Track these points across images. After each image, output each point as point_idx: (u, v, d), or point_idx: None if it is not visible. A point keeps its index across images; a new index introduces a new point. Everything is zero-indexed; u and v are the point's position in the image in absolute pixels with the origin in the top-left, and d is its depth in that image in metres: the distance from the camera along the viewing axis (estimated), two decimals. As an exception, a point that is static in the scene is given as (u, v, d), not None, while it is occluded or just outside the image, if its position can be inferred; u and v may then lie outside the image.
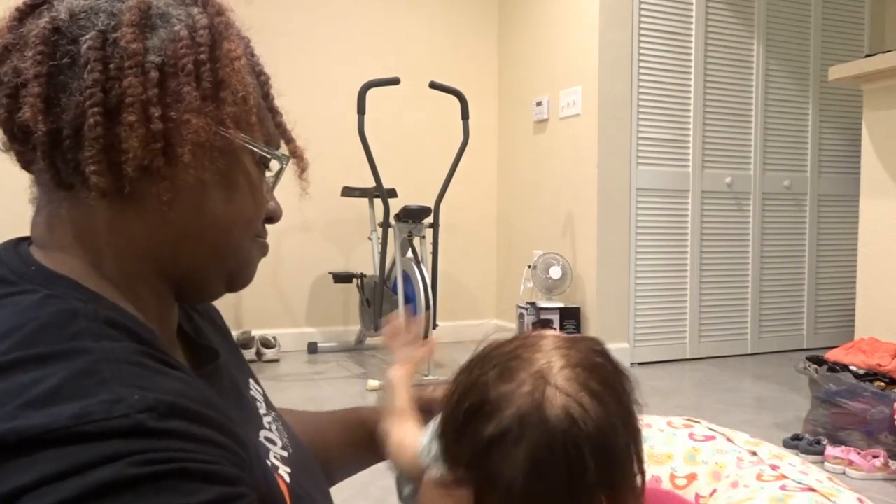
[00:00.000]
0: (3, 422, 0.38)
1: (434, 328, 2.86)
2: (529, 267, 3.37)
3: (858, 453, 1.85)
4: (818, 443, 1.97)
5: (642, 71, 3.19)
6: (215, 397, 0.49)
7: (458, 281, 3.92)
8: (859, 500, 0.77)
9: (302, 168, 0.64)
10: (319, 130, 3.60)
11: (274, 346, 3.33)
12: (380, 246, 3.05)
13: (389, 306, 3.01)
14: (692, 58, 3.29)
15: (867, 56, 2.25)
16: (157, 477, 0.38)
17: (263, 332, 3.47)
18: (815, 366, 2.10)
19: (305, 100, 3.56)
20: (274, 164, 0.63)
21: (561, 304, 3.18)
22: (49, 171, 0.51)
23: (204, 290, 0.60)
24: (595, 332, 3.17)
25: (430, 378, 2.83)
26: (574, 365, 0.55)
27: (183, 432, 0.41)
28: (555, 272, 3.19)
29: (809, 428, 2.07)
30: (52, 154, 0.51)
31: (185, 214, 0.55)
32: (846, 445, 1.93)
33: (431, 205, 3.03)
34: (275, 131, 0.62)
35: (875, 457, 1.83)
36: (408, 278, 2.97)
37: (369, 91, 2.83)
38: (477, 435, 0.52)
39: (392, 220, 2.99)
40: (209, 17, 0.55)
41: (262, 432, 0.62)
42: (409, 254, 3.03)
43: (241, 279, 0.61)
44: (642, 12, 3.18)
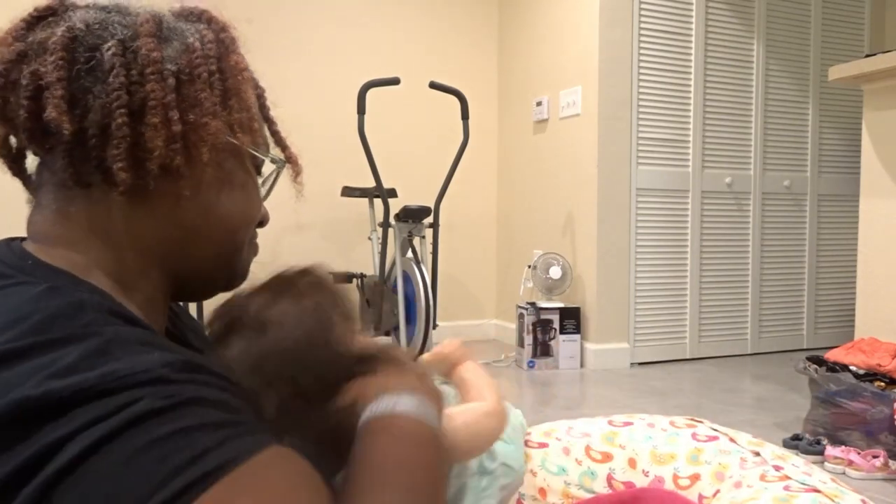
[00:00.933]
0: (35, 388, 0.42)
1: (434, 328, 2.86)
2: (529, 267, 3.37)
3: (858, 453, 1.85)
4: (818, 443, 1.97)
5: (642, 71, 3.19)
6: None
7: (458, 281, 3.92)
8: (863, 502, 0.77)
9: (297, 172, 0.69)
10: (320, 130, 3.59)
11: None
12: (380, 246, 3.05)
13: (389, 306, 3.01)
14: (692, 58, 3.29)
15: (867, 56, 2.25)
16: (177, 406, 0.44)
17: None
18: (815, 366, 2.11)
19: (306, 100, 3.56)
20: (266, 171, 0.68)
21: (561, 304, 3.18)
22: (68, 170, 0.55)
23: (206, 287, 0.64)
24: (595, 332, 3.17)
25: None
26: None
27: (197, 379, 0.47)
28: (555, 272, 3.19)
29: (809, 428, 2.07)
30: (72, 153, 0.54)
31: (196, 214, 0.59)
32: (846, 445, 1.94)
33: (431, 205, 3.03)
34: (271, 138, 0.68)
35: (875, 457, 1.83)
36: (408, 278, 2.97)
37: (369, 91, 2.83)
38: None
39: (392, 220, 2.99)
40: (215, 33, 0.61)
41: None
42: (409, 254, 3.03)
43: (238, 277, 0.66)
44: (642, 12, 3.18)
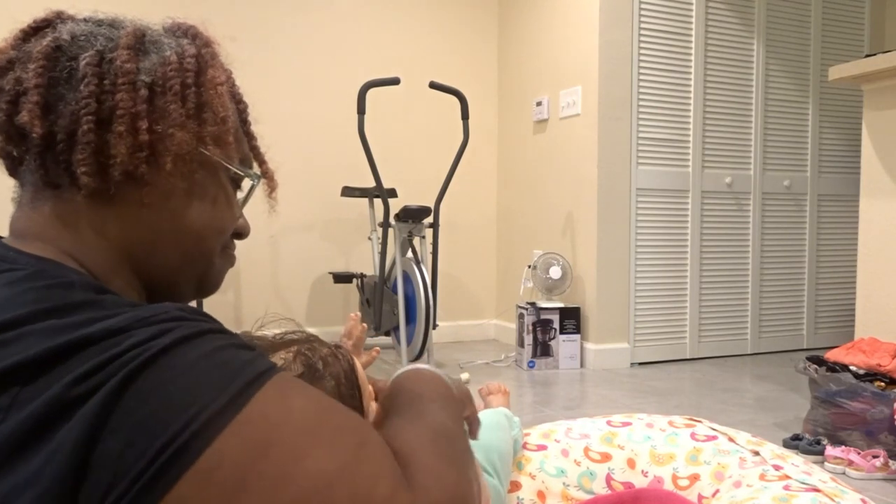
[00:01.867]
0: (74, 331, 0.46)
1: (434, 328, 2.86)
2: (529, 267, 3.37)
3: (858, 453, 1.85)
4: (818, 443, 1.97)
5: (642, 71, 3.19)
6: None
7: (458, 281, 3.92)
8: (863, 501, 0.77)
9: (271, 188, 0.72)
10: (320, 130, 3.59)
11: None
12: (380, 246, 3.05)
13: (389, 306, 3.01)
14: (692, 58, 3.29)
15: (867, 56, 2.25)
16: (206, 332, 0.49)
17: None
18: (815, 366, 2.10)
19: (306, 100, 3.56)
20: (245, 185, 0.70)
21: (561, 304, 3.18)
22: (39, 171, 0.58)
23: (174, 293, 0.66)
24: (595, 332, 3.17)
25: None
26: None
27: (210, 319, 0.52)
28: (555, 272, 3.19)
29: (809, 428, 2.07)
30: (43, 155, 0.57)
31: (162, 220, 0.61)
32: (846, 445, 1.93)
33: (431, 205, 3.04)
34: (249, 153, 0.70)
35: (875, 457, 1.83)
36: (408, 278, 2.97)
37: (369, 91, 2.83)
38: None
39: (392, 220, 2.99)
40: (197, 48, 0.63)
41: None
42: (409, 254, 3.03)
43: (209, 286, 0.68)
44: (642, 12, 3.18)
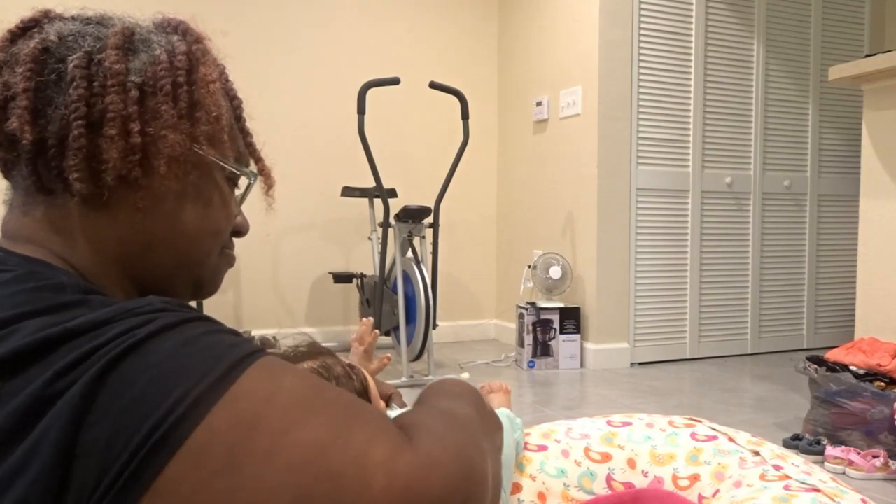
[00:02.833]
0: (57, 326, 0.46)
1: (434, 328, 2.86)
2: (529, 267, 3.37)
3: (858, 453, 1.85)
4: (818, 443, 1.97)
5: (642, 71, 3.19)
6: None
7: (458, 281, 3.92)
8: (863, 501, 0.77)
9: (268, 185, 0.70)
10: (320, 130, 3.59)
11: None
12: (380, 246, 3.05)
13: (389, 306, 3.01)
14: (692, 58, 3.29)
15: (867, 56, 2.25)
16: (190, 320, 0.49)
17: (263, 331, 3.47)
18: (815, 366, 2.10)
19: (305, 99, 3.56)
20: (242, 182, 0.69)
21: (561, 304, 3.18)
22: (31, 177, 0.57)
23: (170, 295, 0.65)
24: (595, 332, 3.17)
25: (430, 377, 2.83)
26: None
27: (194, 310, 0.51)
28: (555, 272, 3.19)
29: (809, 428, 2.07)
30: (35, 161, 0.56)
31: (157, 223, 0.60)
32: (846, 445, 1.93)
33: (431, 205, 3.04)
34: (245, 151, 0.69)
35: (875, 457, 1.83)
36: (408, 278, 2.97)
37: (369, 91, 2.83)
38: None
39: (392, 220, 2.99)
40: (187, 45, 0.62)
41: None
42: (409, 254, 3.03)
43: (207, 287, 0.67)
44: (642, 12, 3.18)
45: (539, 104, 3.55)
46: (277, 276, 3.53)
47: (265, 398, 0.45)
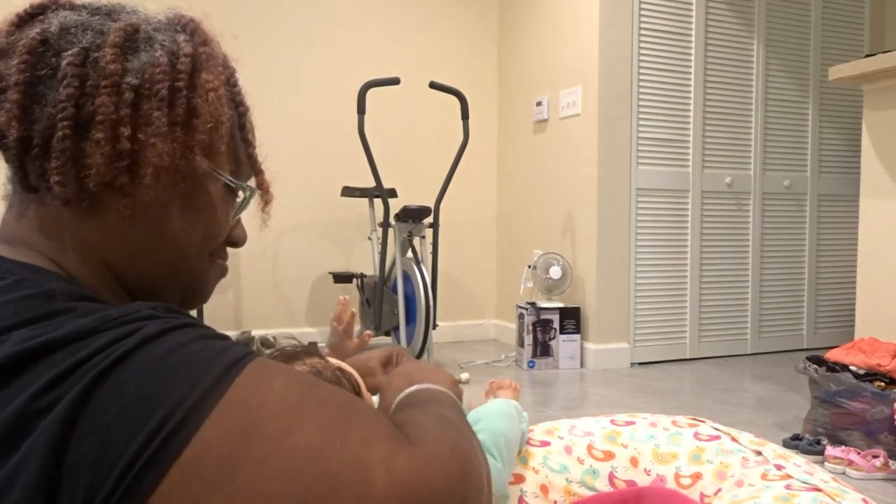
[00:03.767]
0: (31, 341, 0.44)
1: (434, 328, 2.86)
2: (529, 267, 3.37)
3: (858, 453, 1.85)
4: (818, 443, 1.97)
5: (642, 71, 3.20)
6: None
7: (458, 281, 3.92)
8: (864, 501, 0.77)
9: (265, 201, 0.67)
10: (320, 130, 3.59)
11: (274, 345, 3.33)
12: (380, 246, 3.05)
13: (389, 306, 3.01)
14: (692, 58, 3.29)
15: (867, 56, 2.25)
16: (178, 327, 0.48)
17: (263, 331, 3.47)
18: (815, 366, 2.10)
19: (306, 100, 3.56)
20: (240, 193, 0.66)
21: (561, 304, 3.18)
22: (17, 174, 0.55)
23: (155, 301, 0.63)
24: (595, 332, 3.17)
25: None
26: None
27: (181, 314, 0.51)
28: (555, 272, 3.19)
29: (809, 428, 2.07)
30: (21, 158, 0.54)
31: (143, 230, 0.58)
32: (846, 445, 1.94)
33: (431, 205, 3.04)
34: (245, 161, 0.65)
35: (875, 457, 1.83)
36: (408, 278, 2.97)
37: (369, 91, 2.83)
38: None
39: (392, 220, 2.99)
40: (193, 47, 0.59)
41: None
42: (409, 254, 3.03)
43: (194, 297, 0.65)
44: (642, 12, 3.18)
45: (539, 104, 3.55)
46: (277, 276, 3.53)
47: (257, 405, 0.45)
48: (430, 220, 3.12)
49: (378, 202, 3.47)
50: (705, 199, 3.36)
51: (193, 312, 2.66)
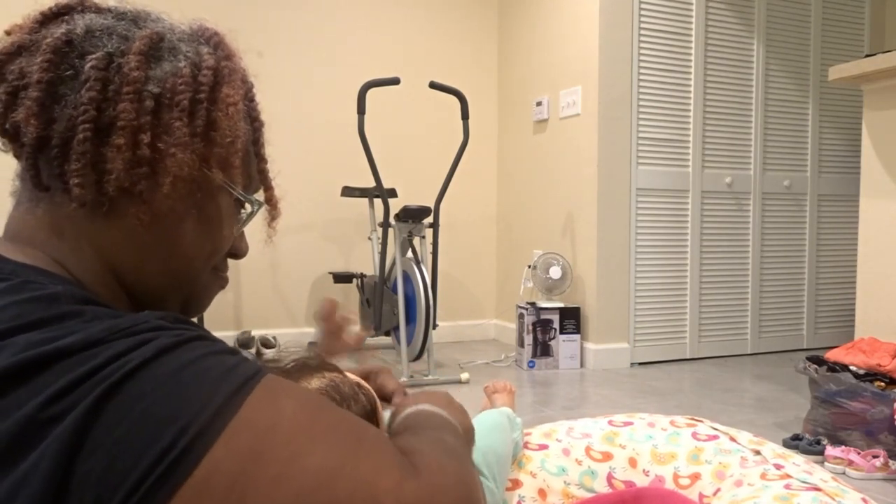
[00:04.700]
0: (49, 343, 0.44)
1: (434, 328, 2.86)
2: (529, 267, 3.37)
3: (858, 453, 1.85)
4: (818, 443, 1.97)
5: (642, 71, 3.20)
6: None
7: (458, 281, 3.92)
8: (864, 501, 0.77)
9: (273, 217, 0.68)
10: (320, 130, 3.59)
11: (274, 345, 3.33)
12: (380, 246, 3.05)
13: (389, 306, 3.01)
14: (692, 58, 3.29)
15: (867, 56, 2.25)
16: (188, 341, 0.47)
17: (263, 331, 3.47)
18: (815, 366, 2.10)
19: (306, 100, 3.56)
20: (248, 206, 0.67)
21: (561, 304, 3.18)
22: (30, 172, 0.54)
23: (159, 307, 0.62)
24: (595, 332, 3.17)
25: (430, 377, 2.83)
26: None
27: (191, 327, 0.50)
28: (555, 272, 3.19)
29: (809, 428, 2.07)
30: (36, 157, 0.54)
31: (155, 238, 0.58)
32: (846, 445, 1.94)
33: (431, 205, 3.04)
34: (256, 176, 0.66)
35: (875, 457, 1.83)
36: (408, 278, 2.97)
37: (369, 91, 2.82)
38: None
39: (392, 220, 2.99)
40: (216, 60, 0.59)
41: None
42: (409, 254, 3.03)
43: (195, 306, 0.65)
44: (642, 12, 3.18)
45: (539, 104, 3.55)
46: (277, 276, 3.53)
47: (267, 427, 0.45)
48: (430, 220, 3.12)
49: (378, 202, 3.47)
50: (705, 199, 3.36)
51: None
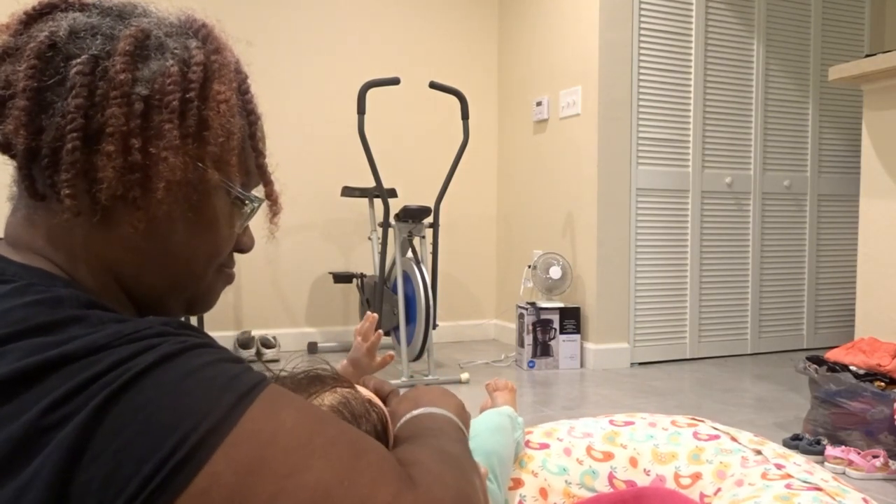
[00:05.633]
0: (53, 348, 0.44)
1: (434, 328, 2.86)
2: (529, 267, 3.37)
3: (858, 453, 1.85)
4: (818, 443, 1.97)
5: (642, 71, 3.20)
6: None
7: (458, 281, 3.92)
8: (864, 501, 0.77)
9: (274, 212, 0.67)
10: (320, 130, 3.59)
11: (274, 345, 3.33)
12: (380, 246, 3.05)
13: (389, 306, 3.01)
14: (692, 58, 3.29)
15: (867, 56, 2.25)
16: (192, 348, 0.47)
17: (263, 331, 3.47)
18: (815, 366, 2.10)
19: (306, 100, 3.56)
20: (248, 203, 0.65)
21: (561, 304, 3.18)
22: (24, 182, 0.53)
23: (162, 312, 0.62)
24: (595, 332, 3.17)
25: (430, 377, 2.83)
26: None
27: (195, 333, 0.50)
28: (555, 272, 3.19)
29: (809, 428, 2.07)
30: (29, 166, 0.53)
31: (151, 242, 0.57)
32: (846, 445, 1.94)
33: (431, 205, 3.03)
34: (255, 171, 0.64)
35: (875, 457, 1.83)
36: (408, 278, 2.97)
37: (369, 91, 2.82)
38: None
39: (392, 220, 2.99)
40: (205, 55, 0.57)
41: None
42: (409, 254, 3.03)
43: (200, 305, 0.65)
44: (642, 12, 3.18)
45: (539, 104, 3.55)
46: (277, 276, 3.53)
47: (267, 440, 0.45)
48: (430, 220, 3.12)
49: (378, 202, 3.47)
50: (705, 199, 3.36)
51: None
